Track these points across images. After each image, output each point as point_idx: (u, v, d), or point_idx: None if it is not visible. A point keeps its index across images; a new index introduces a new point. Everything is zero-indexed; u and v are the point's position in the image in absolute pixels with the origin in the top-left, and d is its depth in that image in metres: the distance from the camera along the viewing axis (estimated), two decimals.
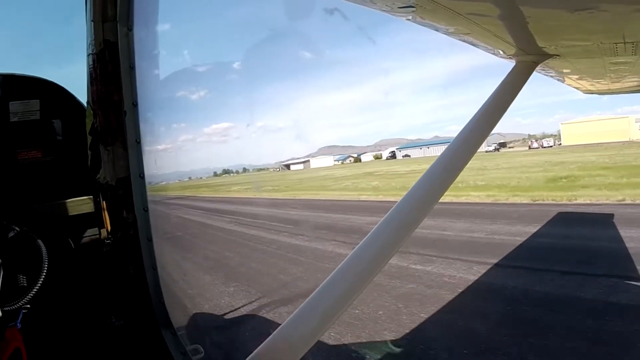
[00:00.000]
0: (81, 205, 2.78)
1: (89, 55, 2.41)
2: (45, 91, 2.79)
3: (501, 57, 1.84)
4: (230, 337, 6.36)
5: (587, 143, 52.13)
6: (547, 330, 5.53)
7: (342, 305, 1.38)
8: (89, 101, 2.47)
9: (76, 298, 2.67)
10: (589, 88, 3.08)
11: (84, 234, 2.80)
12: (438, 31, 1.53)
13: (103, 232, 2.82)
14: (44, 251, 2.29)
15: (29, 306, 2.20)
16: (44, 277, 2.25)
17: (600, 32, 1.43)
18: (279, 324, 1.37)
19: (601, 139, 51.63)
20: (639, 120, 53.01)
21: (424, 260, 9.22)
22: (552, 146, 64.27)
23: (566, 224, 12.11)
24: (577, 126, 63.74)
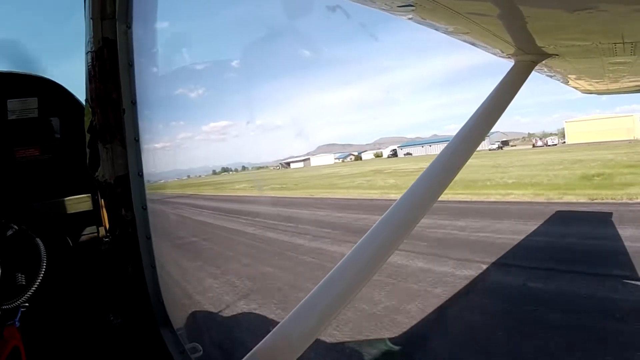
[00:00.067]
0: (79, 203, 2.77)
1: (87, 52, 2.40)
2: (43, 89, 2.78)
3: (500, 56, 1.84)
4: (229, 335, 6.36)
5: (591, 141, 51.77)
6: None
7: (340, 303, 1.39)
8: (87, 99, 2.46)
9: (74, 296, 2.66)
10: (588, 88, 3.09)
11: (83, 232, 2.79)
12: (437, 30, 1.53)
13: (101, 230, 2.82)
14: (43, 249, 2.29)
15: (27, 305, 2.20)
16: (42, 276, 2.24)
17: (599, 32, 1.43)
18: (277, 322, 1.37)
19: (605, 137, 51.24)
20: None
21: None
22: (556, 144, 63.76)
23: None
24: (581, 124, 63.17)
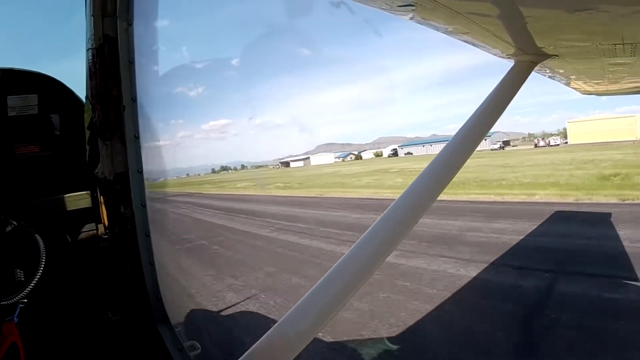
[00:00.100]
0: (79, 200, 2.77)
1: (88, 49, 2.40)
2: (43, 86, 2.77)
3: (500, 56, 1.84)
4: (227, 333, 6.36)
5: (594, 142, 51.46)
6: None
7: (339, 302, 1.39)
8: (87, 96, 2.46)
9: (73, 293, 2.67)
10: (588, 89, 3.09)
11: (82, 229, 2.79)
12: (437, 30, 1.53)
13: (100, 227, 2.82)
14: (42, 246, 2.29)
15: (26, 300, 2.20)
16: (41, 272, 2.25)
17: (600, 33, 1.44)
18: (276, 321, 1.37)
19: (608, 137, 51.02)
20: None
21: None
22: (558, 145, 63.45)
23: None
24: (583, 125, 62.93)
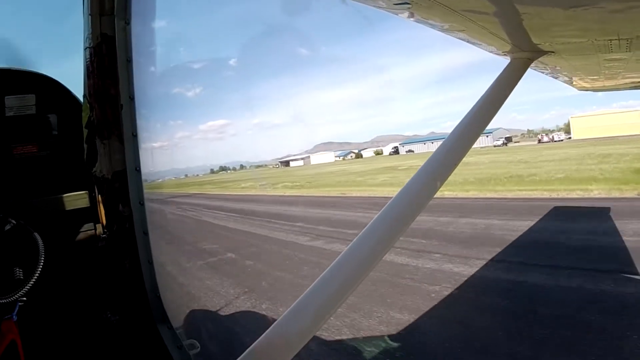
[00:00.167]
0: (77, 200, 2.78)
1: (86, 48, 2.40)
2: (41, 86, 2.77)
3: (496, 53, 1.84)
4: (227, 332, 6.37)
5: (598, 137, 51.78)
6: None
7: (337, 300, 1.40)
8: (85, 94, 2.46)
9: (72, 294, 2.67)
10: (584, 85, 3.10)
11: (80, 229, 2.80)
12: (433, 28, 1.54)
13: (98, 227, 2.82)
14: (41, 244, 2.30)
15: (25, 299, 2.21)
16: (40, 270, 2.25)
17: (595, 29, 1.44)
18: (275, 320, 1.38)
19: (612, 132, 51.34)
20: None
21: None
22: (562, 140, 63.86)
23: None
24: (587, 120, 63.04)
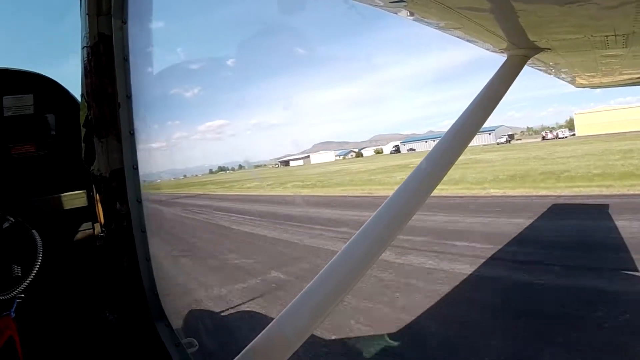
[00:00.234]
0: (75, 199, 2.78)
1: (83, 48, 2.40)
2: (39, 86, 2.78)
3: (493, 51, 1.84)
4: (225, 330, 6.37)
5: (602, 133, 51.69)
6: None
7: (335, 298, 1.40)
8: (83, 94, 2.46)
9: (70, 293, 2.67)
10: (581, 82, 3.10)
11: (78, 228, 2.80)
12: (430, 26, 1.54)
13: (97, 226, 2.83)
14: (39, 241, 2.30)
15: (23, 296, 2.22)
16: (38, 267, 2.26)
17: (591, 25, 1.44)
18: (273, 318, 1.38)
19: (616, 129, 51.25)
20: None
21: None
22: (567, 137, 63.86)
23: None
24: (591, 116, 62.91)
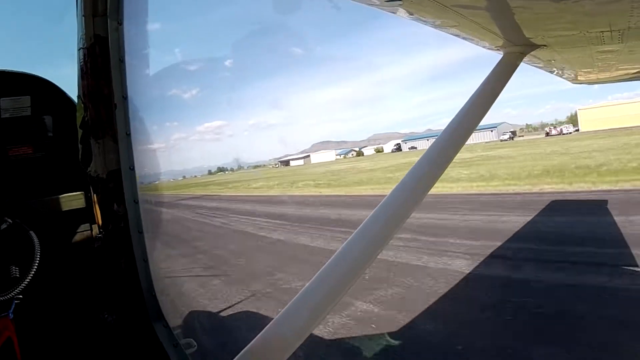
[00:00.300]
0: (72, 201, 2.78)
1: (79, 49, 2.40)
2: (36, 87, 2.78)
3: (489, 48, 1.84)
4: (224, 331, 6.37)
5: (606, 128, 51.97)
6: None
7: (334, 298, 1.39)
8: (79, 95, 2.46)
9: (68, 294, 2.67)
10: (578, 78, 3.10)
11: (76, 229, 2.80)
12: (425, 24, 1.53)
13: (94, 228, 2.83)
14: (37, 242, 2.30)
15: (21, 297, 2.22)
16: (36, 268, 2.27)
17: (586, 21, 1.44)
18: (271, 319, 1.38)
19: (620, 124, 51.42)
20: None
21: None
22: (571, 133, 64.29)
23: None
24: (594, 112, 63.16)
